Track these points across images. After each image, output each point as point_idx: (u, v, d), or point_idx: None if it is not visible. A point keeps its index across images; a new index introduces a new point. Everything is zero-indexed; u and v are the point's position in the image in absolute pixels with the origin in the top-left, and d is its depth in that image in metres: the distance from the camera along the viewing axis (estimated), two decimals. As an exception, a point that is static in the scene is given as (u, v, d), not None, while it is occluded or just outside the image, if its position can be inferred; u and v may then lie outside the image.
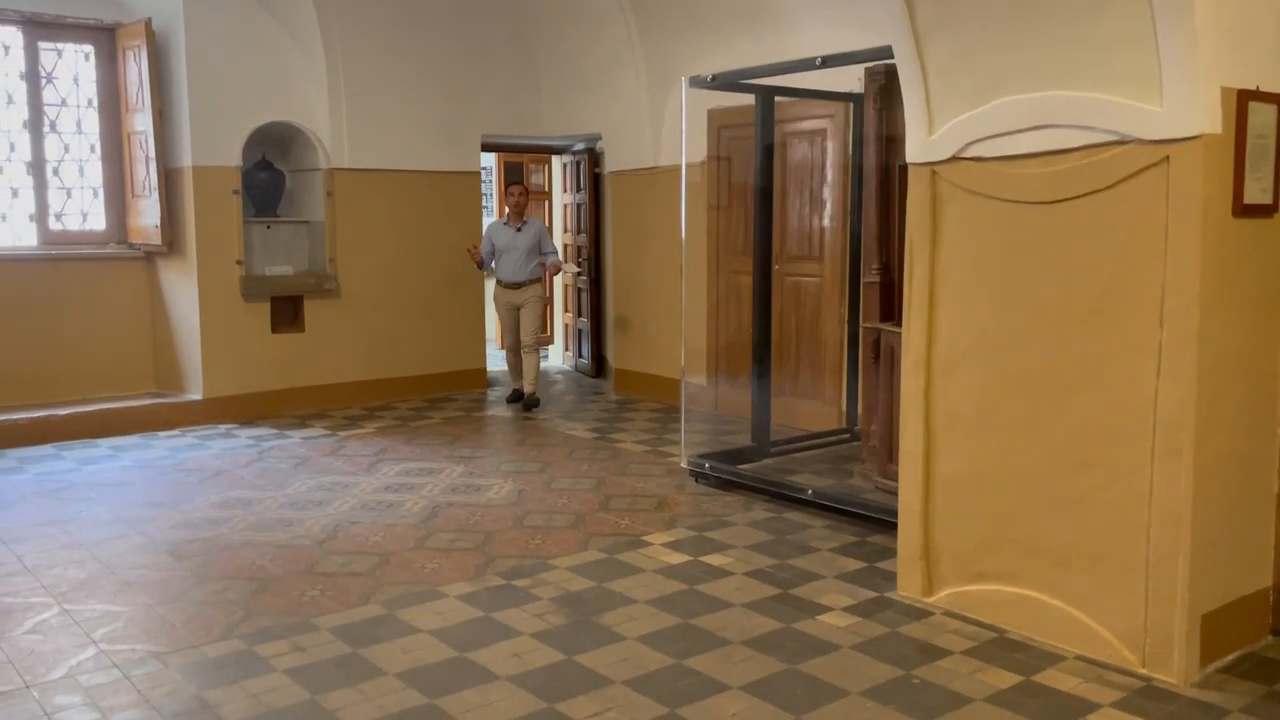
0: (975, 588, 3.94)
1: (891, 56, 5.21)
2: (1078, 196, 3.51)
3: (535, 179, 13.15)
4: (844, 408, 6.90)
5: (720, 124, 7.66)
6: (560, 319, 10.70)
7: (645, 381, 8.67)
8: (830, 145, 6.97)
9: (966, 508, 3.95)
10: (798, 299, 7.17)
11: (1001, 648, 3.67)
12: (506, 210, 8.14)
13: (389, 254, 8.46)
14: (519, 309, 8.08)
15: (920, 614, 3.99)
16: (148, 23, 7.42)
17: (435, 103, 8.53)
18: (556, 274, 8.35)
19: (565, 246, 10.20)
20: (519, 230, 7.98)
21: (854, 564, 4.56)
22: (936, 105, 3.89)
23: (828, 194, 7.01)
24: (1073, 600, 3.63)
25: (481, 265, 8.14)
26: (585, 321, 9.82)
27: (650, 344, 8.60)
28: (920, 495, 4.09)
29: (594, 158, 9.41)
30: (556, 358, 10.76)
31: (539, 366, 8.28)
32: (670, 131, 8.17)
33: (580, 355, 10.03)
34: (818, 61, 5.14)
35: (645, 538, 4.95)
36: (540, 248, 8.04)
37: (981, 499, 3.90)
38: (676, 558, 4.65)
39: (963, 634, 3.79)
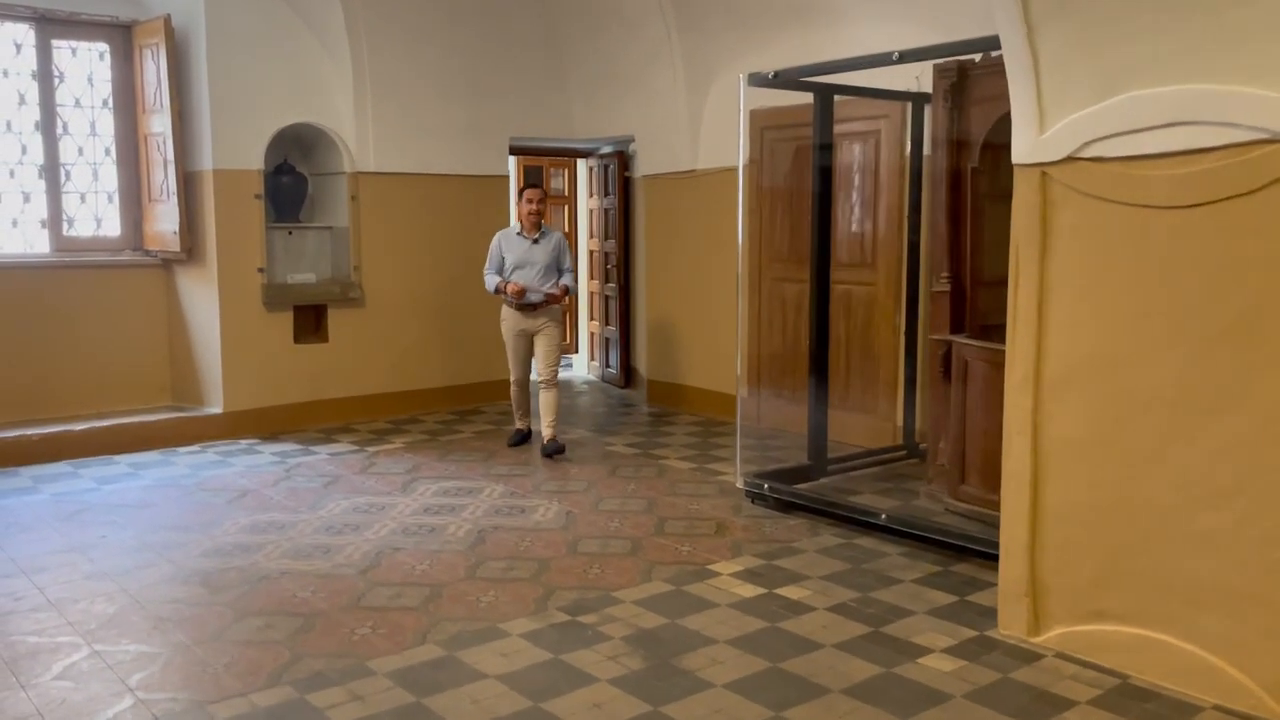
0: (1091, 628, 3.62)
1: (974, 51, 4.98)
2: (1218, 200, 3.18)
3: (555, 183, 12.84)
4: (900, 423, 6.57)
5: (763, 125, 7.33)
6: (585, 327, 10.37)
7: (680, 393, 8.34)
8: (884, 147, 6.65)
9: (1081, 540, 3.62)
10: (848, 307, 6.84)
11: (1129, 696, 3.34)
12: (519, 217, 6.85)
13: (414, 261, 8.13)
14: (533, 336, 6.77)
15: (1030, 656, 3.66)
16: (167, 20, 7.09)
17: (463, 104, 8.21)
18: (565, 297, 6.84)
19: (592, 253, 9.88)
20: (536, 242, 6.70)
21: (943, 597, 4.23)
22: (1049, 101, 3.57)
23: (881, 198, 6.69)
24: (1209, 644, 3.30)
25: (523, 296, 6.63)
26: (613, 330, 9.49)
27: (686, 354, 8.27)
28: (1026, 525, 3.76)
29: (623, 161, 9.09)
30: (581, 367, 10.43)
31: (559, 405, 6.91)
32: (709, 133, 7.85)
33: (608, 365, 9.69)
34: (895, 56, 4.82)
35: (711, 566, 4.61)
36: (559, 263, 6.80)
37: (1100, 530, 3.57)
38: (749, 590, 4.32)
39: (1082, 680, 3.46)
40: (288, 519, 5.38)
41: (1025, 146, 3.67)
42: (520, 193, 6.86)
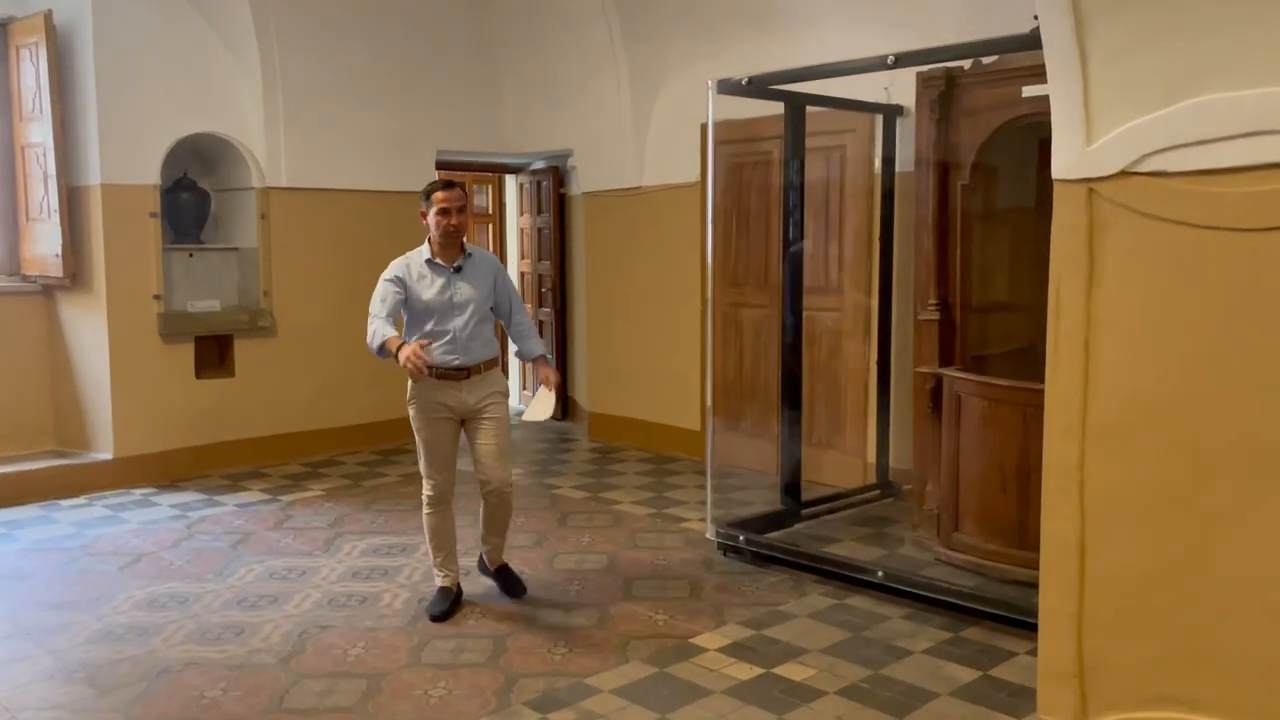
0: (1152, 714, 3.12)
1: (987, 53, 4.51)
2: (1309, 222, 2.73)
3: (479, 200, 12.17)
4: (872, 460, 6.08)
5: (716, 140, 6.79)
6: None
7: (624, 426, 7.74)
8: (849, 163, 6.18)
9: (1140, 613, 3.13)
10: (812, 335, 6.33)
11: (1213, 802, 2.85)
12: (430, 237, 4.29)
13: (331, 285, 7.37)
14: (465, 421, 4.32)
15: (1085, 750, 3.15)
16: (47, 15, 6.27)
17: (386, 113, 7.50)
18: (555, 387, 4.52)
19: (524, 275, 9.23)
20: (458, 271, 4.26)
21: (964, 673, 3.71)
22: (1100, 106, 3.09)
23: (847, 219, 6.21)
24: (1300, 738, 2.83)
25: (428, 371, 4.05)
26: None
27: (632, 385, 7.68)
28: (1072, 596, 3.26)
29: (558, 177, 8.49)
30: (513, 398, 9.74)
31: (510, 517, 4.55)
32: (655, 148, 7.30)
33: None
34: (890, 60, 4.33)
35: (694, 640, 4.02)
36: (507, 306, 4.47)
37: (1163, 603, 3.08)
38: (744, 670, 3.73)
39: (1152, 780, 2.97)
40: (191, 590, 4.62)
41: (1069, 159, 3.18)
42: (426, 197, 4.24)
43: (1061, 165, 3.22)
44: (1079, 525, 3.24)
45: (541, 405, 4.52)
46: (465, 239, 4.36)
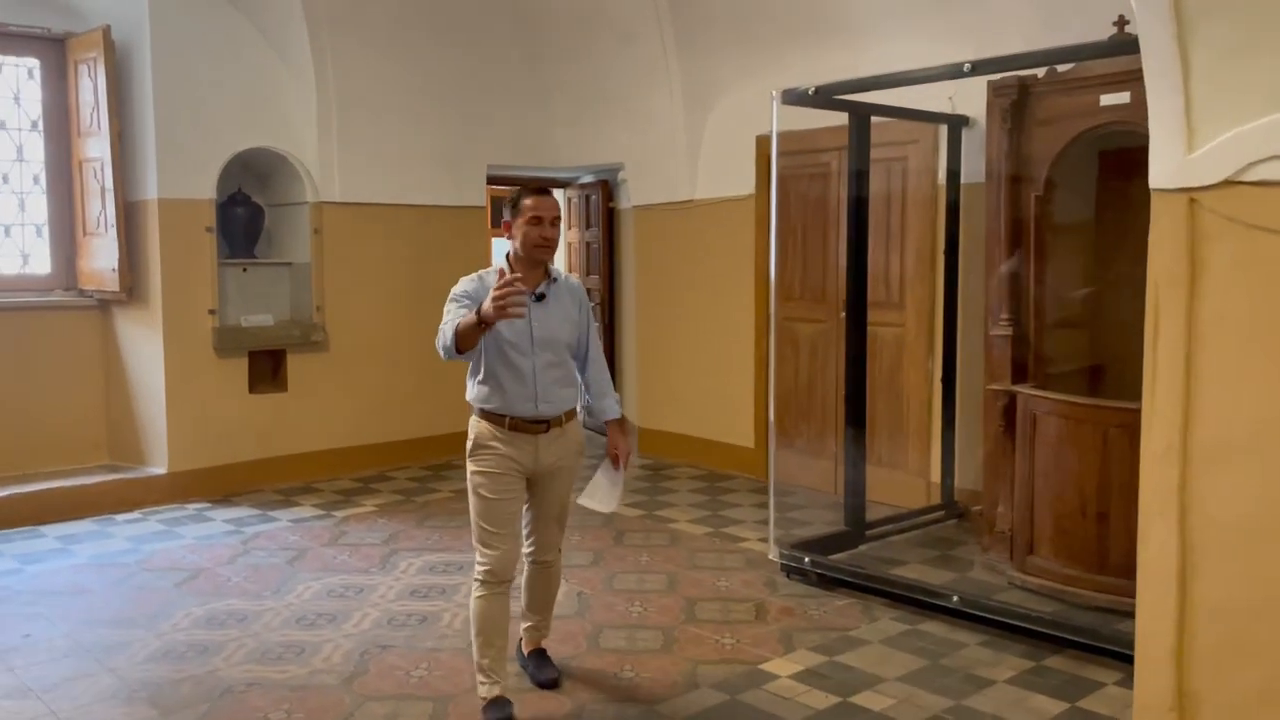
0: (1260, 752, 2.96)
1: (1055, 62, 4.40)
2: None
3: (524, 215, 12.13)
4: (935, 480, 5.93)
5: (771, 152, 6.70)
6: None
7: (675, 442, 7.63)
8: (911, 175, 6.05)
9: (1247, 644, 2.97)
10: (873, 350, 6.15)
11: None
12: (511, 254, 3.51)
13: (383, 300, 7.35)
14: (541, 478, 3.58)
15: (1188, 788, 2.99)
16: (106, 31, 6.29)
17: (437, 129, 7.47)
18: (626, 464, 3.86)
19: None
20: (539, 299, 3.47)
21: (1051, 704, 3.56)
22: (1203, 112, 2.95)
23: (909, 231, 6.08)
24: None
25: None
26: (597, 373, 8.76)
27: (683, 401, 7.57)
28: (1171, 626, 3.10)
29: (607, 190, 8.42)
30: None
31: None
32: (709, 160, 7.21)
33: (588, 411, 8.93)
34: (966, 67, 4.22)
35: (764, 666, 3.89)
36: (585, 348, 3.70)
37: (1271, 634, 2.91)
38: (820, 699, 3.61)
39: (1265, 823, 2.80)
40: (250, 607, 4.56)
41: (1168, 168, 3.05)
42: (513, 204, 3.46)
43: (1160, 174, 3.08)
44: (1179, 551, 3.08)
45: (606, 489, 3.71)
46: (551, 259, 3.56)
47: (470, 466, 3.50)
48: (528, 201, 3.44)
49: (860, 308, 5.23)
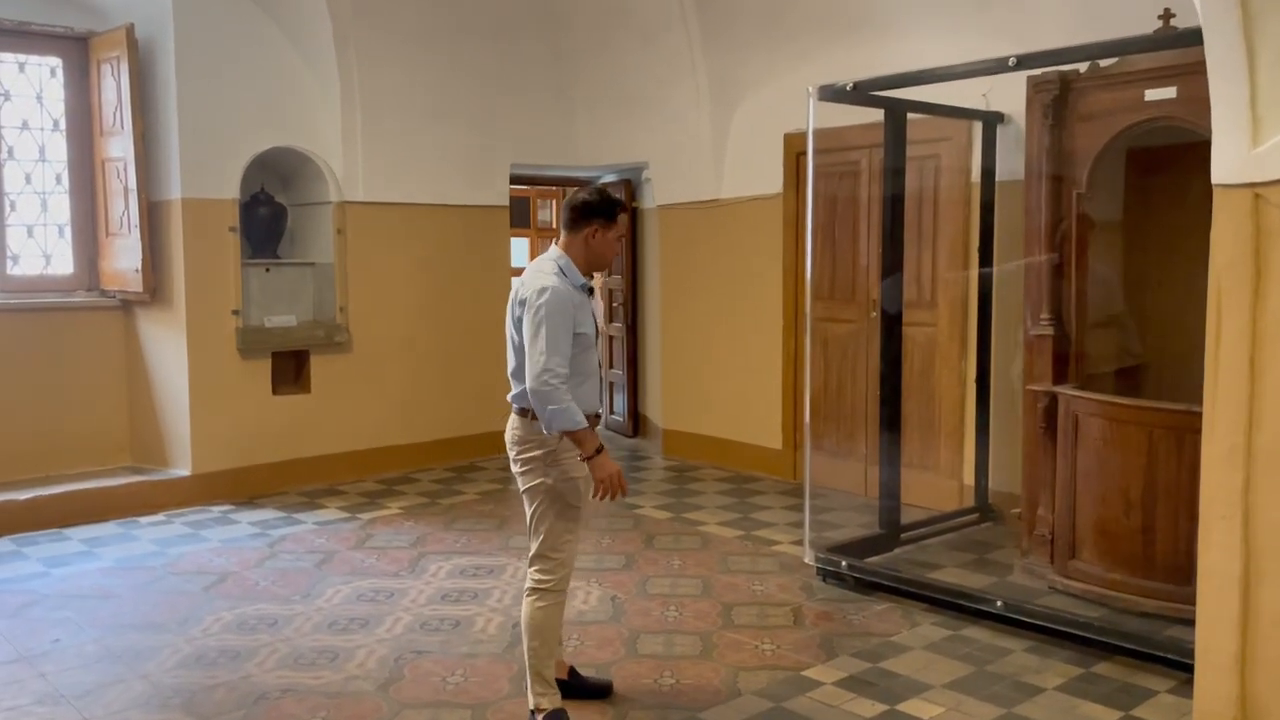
0: (1329, 764, 2.88)
1: (1100, 56, 4.31)
2: None
3: (543, 215, 12.11)
4: (969, 482, 5.84)
5: (800, 150, 6.63)
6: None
7: (701, 444, 7.55)
8: (944, 173, 5.97)
9: (1315, 653, 2.89)
10: (905, 351, 6.06)
11: None
12: (574, 256, 3.36)
13: (407, 301, 7.29)
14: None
15: (1254, 801, 2.91)
16: (129, 30, 6.24)
17: (461, 129, 7.41)
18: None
19: (595, 289, 9.08)
20: (591, 294, 3.50)
21: (1104, 713, 3.47)
22: (1269, 106, 2.86)
23: (941, 229, 6.00)
24: None
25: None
26: (619, 373, 8.71)
27: (709, 402, 7.49)
28: (1234, 634, 3.02)
29: (630, 190, 8.35)
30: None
31: None
32: (735, 158, 7.13)
33: (612, 411, 8.89)
34: (1011, 61, 4.13)
35: (806, 673, 3.82)
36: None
37: (1342, 643, 2.84)
38: (867, 707, 3.53)
39: (1337, 838, 2.72)
40: (280, 611, 4.50)
41: (1232, 163, 2.96)
42: (609, 215, 3.36)
43: (1222, 170, 3.00)
44: (1243, 557, 3.00)
45: None
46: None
47: (550, 478, 3.32)
48: (624, 218, 3.43)
49: (895, 308, 5.15)
